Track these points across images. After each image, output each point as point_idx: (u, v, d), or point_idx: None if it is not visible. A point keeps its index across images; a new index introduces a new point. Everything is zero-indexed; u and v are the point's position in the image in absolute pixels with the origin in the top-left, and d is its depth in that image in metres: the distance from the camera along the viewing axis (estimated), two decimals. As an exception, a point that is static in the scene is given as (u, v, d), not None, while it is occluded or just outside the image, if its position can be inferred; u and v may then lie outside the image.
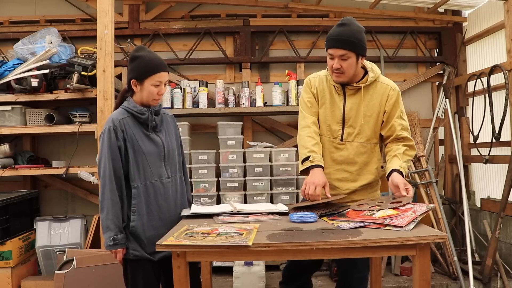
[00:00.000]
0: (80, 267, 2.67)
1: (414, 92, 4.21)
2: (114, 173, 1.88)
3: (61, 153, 4.01)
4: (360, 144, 2.10)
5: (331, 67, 2.02)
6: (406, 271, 3.44)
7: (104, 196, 1.87)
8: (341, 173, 2.13)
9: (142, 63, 1.92)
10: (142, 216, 1.93)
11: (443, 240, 1.54)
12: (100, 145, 1.94)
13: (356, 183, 2.12)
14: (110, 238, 1.85)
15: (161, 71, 1.94)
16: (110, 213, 1.86)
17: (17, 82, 3.30)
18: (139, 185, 1.93)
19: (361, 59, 2.01)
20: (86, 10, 4.08)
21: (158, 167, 1.98)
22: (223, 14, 4.14)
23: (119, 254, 1.90)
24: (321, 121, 2.15)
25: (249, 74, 4.02)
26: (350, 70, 2.00)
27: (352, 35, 1.95)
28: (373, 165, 2.13)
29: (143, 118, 1.95)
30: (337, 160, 2.12)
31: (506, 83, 3.33)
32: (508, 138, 3.42)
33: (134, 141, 1.93)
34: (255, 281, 3.16)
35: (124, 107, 1.97)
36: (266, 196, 3.50)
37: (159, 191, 1.97)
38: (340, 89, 2.10)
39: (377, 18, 4.18)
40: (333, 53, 1.98)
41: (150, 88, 1.93)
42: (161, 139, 2.01)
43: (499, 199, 3.31)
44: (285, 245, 1.45)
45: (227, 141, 3.59)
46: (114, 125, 1.90)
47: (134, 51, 1.98)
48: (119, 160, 1.90)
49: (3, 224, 3.12)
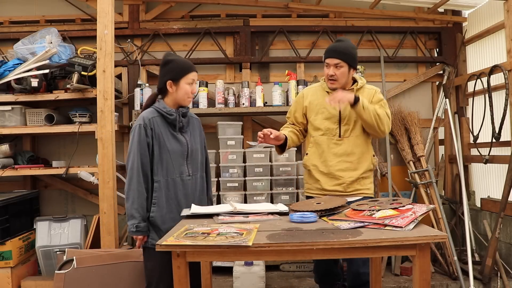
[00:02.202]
0: (80, 267, 2.66)
1: (414, 92, 4.21)
2: (141, 167, 2.06)
3: (61, 153, 4.01)
4: (356, 137, 2.45)
5: (327, 75, 2.40)
6: (406, 271, 3.44)
7: (131, 187, 2.05)
8: (343, 164, 2.43)
9: (176, 65, 2.13)
10: (161, 208, 2.10)
11: (443, 240, 1.54)
12: (131, 140, 2.11)
13: (357, 171, 2.44)
14: (134, 225, 2.03)
15: (194, 70, 2.16)
16: (135, 202, 2.04)
17: (17, 82, 3.30)
18: (161, 180, 2.11)
19: (352, 71, 2.41)
20: (86, 10, 4.08)
21: (180, 164, 2.15)
22: (223, 14, 4.13)
23: (139, 240, 2.08)
24: (319, 124, 2.48)
25: (249, 74, 4.03)
26: (343, 78, 2.39)
27: (346, 48, 2.37)
28: (369, 154, 2.49)
29: (171, 119, 2.13)
30: (337, 154, 2.44)
31: (506, 83, 3.33)
32: (508, 138, 3.42)
33: (161, 139, 2.11)
34: (255, 281, 3.16)
35: (154, 107, 2.16)
36: (266, 196, 3.50)
37: (179, 187, 2.14)
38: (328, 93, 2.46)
39: (377, 18, 4.17)
40: (330, 62, 2.38)
41: (185, 87, 2.13)
42: (185, 139, 2.19)
43: (499, 199, 3.31)
44: (285, 245, 1.45)
45: (227, 141, 3.59)
46: (145, 123, 2.08)
47: (165, 57, 2.18)
48: (147, 155, 2.08)
49: (3, 224, 3.12)
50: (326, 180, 2.46)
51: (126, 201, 2.08)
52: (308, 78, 3.99)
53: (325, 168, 2.46)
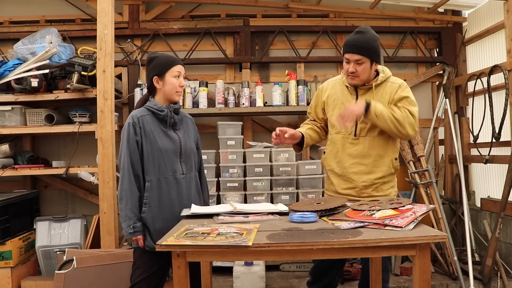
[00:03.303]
0: (80, 267, 2.66)
1: (414, 92, 4.09)
2: (132, 165, 2.04)
3: (61, 153, 4.01)
4: (373, 138, 2.21)
5: (347, 70, 2.18)
6: (406, 271, 3.44)
7: (123, 187, 2.03)
8: (357, 166, 2.23)
9: (159, 61, 2.12)
10: (152, 209, 2.06)
11: (443, 240, 1.54)
12: (121, 139, 2.09)
13: (371, 175, 2.22)
14: (130, 226, 2.01)
15: (178, 63, 2.14)
16: (129, 202, 2.01)
17: (17, 82, 3.30)
18: (152, 179, 2.07)
19: (374, 65, 2.18)
20: (86, 10, 4.08)
21: (173, 162, 2.11)
22: (223, 14, 4.13)
23: (140, 241, 2.04)
24: (335, 120, 2.24)
25: (249, 74, 4.03)
26: (364, 74, 2.17)
27: (367, 42, 2.12)
28: (388, 157, 2.23)
29: (162, 115, 2.10)
30: (352, 155, 2.24)
31: (506, 83, 3.33)
32: (508, 138, 3.42)
33: (151, 137, 2.07)
34: (255, 281, 3.16)
35: (145, 106, 2.14)
36: (266, 196, 3.50)
37: (172, 186, 2.10)
38: (352, 89, 2.26)
39: (377, 18, 4.17)
40: (349, 57, 2.15)
41: (171, 80, 2.10)
42: (178, 136, 2.15)
43: (499, 199, 3.31)
44: (285, 245, 1.45)
45: (227, 141, 3.59)
46: (134, 122, 2.07)
47: (149, 56, 2.17)
48: (137, 153, 2.06)
49: (3, 224, 3.12)
50: (340, 182, 2.29)
51: (119, 202, 2.05)
52: (308, 78, 3.99)
53: (339, 169, 2.28)
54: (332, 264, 2.39)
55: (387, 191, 2.25)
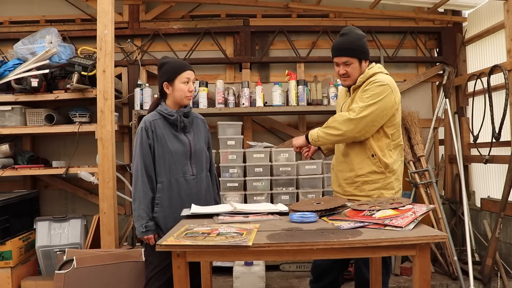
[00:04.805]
0: (80, 267, 2.66)
1: (414, 92, 4.22)
2: (145, 168, 2.14)
3: (61, 153, 4.01)
4: None
5: (338, 73, 2.28)
6: (406, 271, 3.44)
7: (137, 188, 2.13)
8: (342, 164, 2.35)
9: (169, 66, 2.19)
10: (164, 209, 2.15)
11: (443, 240, 1.54)
12: (134, 143, 2.21)
13: (351, 173, 2.28)
14: (143, 225, 2.10)
15: (188, 69, 2.21)
16: (142, 203, 2.11)
17: (17, 82, 3.30)
18: (164, 181, 2.17)
19: (364, 63, 2.25)
20: (86, 10, 4.08)
21: (183, 164, 2.20)
22: (223, 14, 4.14)
23: (151, 239, 2.12)
24: None
25: (249, 74, 4.03)
26: (355, 73, 2.24)
27: (351, 42, 2.20)
28: (365, 155, 2.24)
29: (172, 119, 2.19)
30: (342, 153, 2.35)
31: (506, 83, 3.33)
32: (508, 138, 3.42)
33: (163, 140, 2.17)
34: (255, 281, 3.16)
35: (157, 110, 2.23)
36: (266, 196, 3.50)
37: (182, 187, 2.19)
38: (347, 90, 2.39)
39: (377, 18, 4.17)
40: (338, 60, 2.25)
41: (180, 86, 2.18)
42: (188, 139, 2.23)
43: (499, 199, 3.31)
44: (285, 245, 1.45)
45: (227, 141, 3.59)
46: (146, 126, 2.16)
47: (160, 60, 2.25)
48: (150, 156, 2.16)
49: (3, 224, 3.12)
50: (333, 179, 2.45)
51: (133, 202, 2.15)
52: (308, 78, 3.99)
53: (334, 167, 2.44)
54: (333, 264, 2.39)
55: (370, 192, 2.23)
